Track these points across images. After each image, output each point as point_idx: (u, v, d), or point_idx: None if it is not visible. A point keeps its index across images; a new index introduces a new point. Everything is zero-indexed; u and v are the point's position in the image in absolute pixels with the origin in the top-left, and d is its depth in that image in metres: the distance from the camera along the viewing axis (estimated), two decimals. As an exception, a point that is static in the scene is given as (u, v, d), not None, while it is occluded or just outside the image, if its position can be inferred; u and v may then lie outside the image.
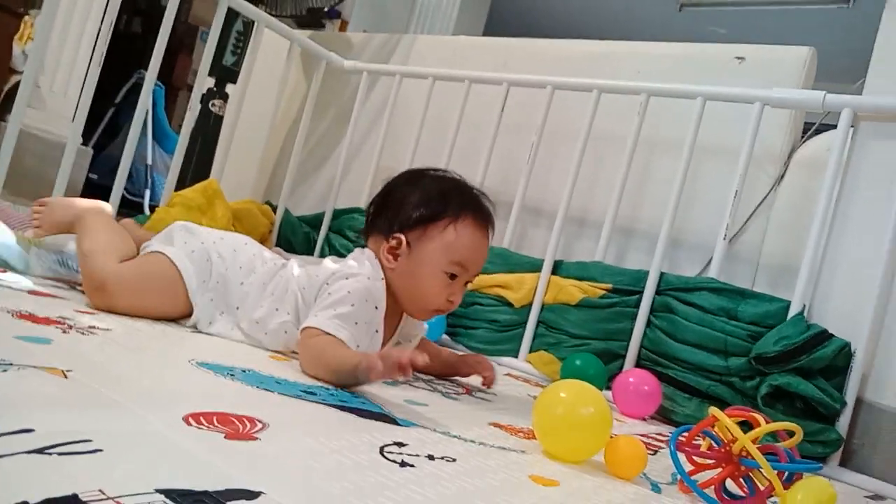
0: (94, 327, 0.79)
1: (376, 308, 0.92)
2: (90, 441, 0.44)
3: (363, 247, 1.01)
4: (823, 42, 1.57)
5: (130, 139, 1.62)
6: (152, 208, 1.99)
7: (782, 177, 1.49)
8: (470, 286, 1.05)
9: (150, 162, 2.82)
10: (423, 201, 0.96)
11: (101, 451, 0.44)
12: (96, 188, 2.20)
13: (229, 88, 1.90)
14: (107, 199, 1.62)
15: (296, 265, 1.00)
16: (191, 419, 0.55)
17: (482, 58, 1.93)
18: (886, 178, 1.22)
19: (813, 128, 1.54)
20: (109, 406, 0.54)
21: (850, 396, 1.15)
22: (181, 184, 1.74)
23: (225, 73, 1.86)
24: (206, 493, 0.41)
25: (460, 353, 1.13)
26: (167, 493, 0.40)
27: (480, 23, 3.90)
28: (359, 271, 0.93)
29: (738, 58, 1.60)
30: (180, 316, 0.96)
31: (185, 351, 0.80)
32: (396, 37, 2.19)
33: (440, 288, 0.95)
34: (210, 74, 1.81)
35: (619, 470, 0.73)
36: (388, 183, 1.03)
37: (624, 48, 1.79)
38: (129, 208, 2.24)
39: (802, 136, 1.54)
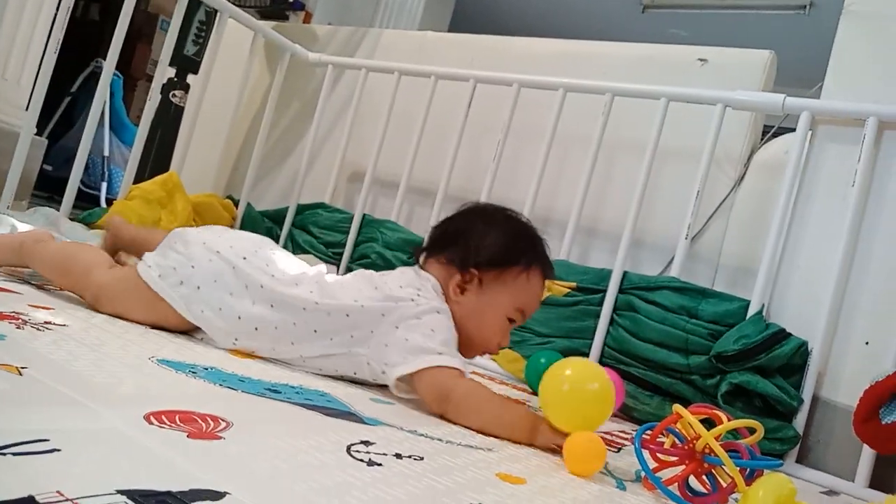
0: (49, 323, 0.76)
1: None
2: (47, 440, 0.43)
3: (409, 264, 1.00)
4: (780, 48, 1.60)
5: (87, 130, 1.57)
6: (109, 202, 1.94)
7: (742, 178, 1.52)
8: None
9: (107, 153, 2.75)
10: (501, 244, 0.95)
11: (58, 450, 0.42)
12: (51, 180, 2.13)
13: (190, 79, 1.86)
14: (62, 192, 1.58)
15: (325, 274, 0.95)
16: (152, 417, 0.54)
17: (449, 54, 1.93)
18: (842, 181, 1.25)
19: (772, 130, 1.58)
20: (67, 404, 0.52)
21: (806, 394, 1.18)
22: (140, 177, 1.70)
23: (186, 64, 1.82)
24: (169, 493, 0.40)
25: None
26: (129, 493, 0.38)
27: (445, 19, 3.90)
28: (442, 306, 0.91)
29: (701, 59, 1.62)
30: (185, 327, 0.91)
31: (146, 348, 0.78)
32: (362, 30, 2.18)
33: (499, 330, 0.95)
34: (171, 64, 1.77)
35: (579, 467, 0.73)
36: (463, 214, 1.02)
37: (589, 48, 1.80)
38: (86, 201, 2.17)
39: (762, 139, 1.57)
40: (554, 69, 1.68)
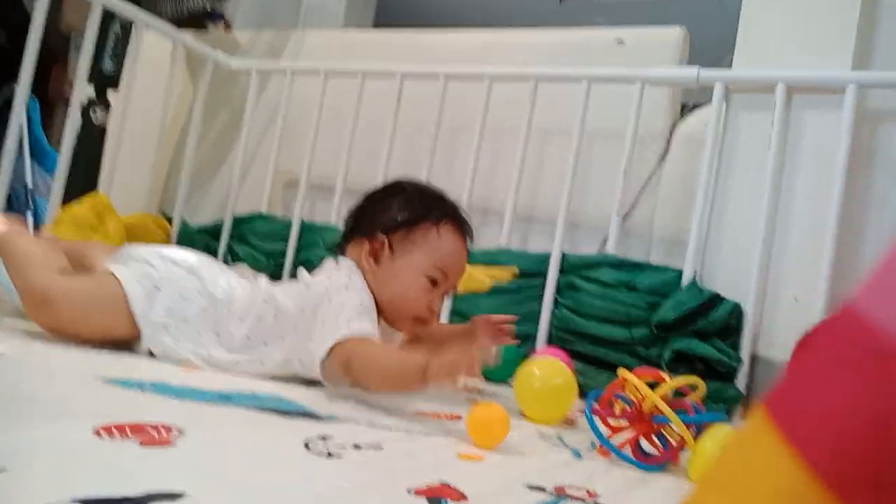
0: (-16, 352, 0.74)
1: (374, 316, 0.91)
2: (-8, 461, 0.42)
3: (335, 258, 0.98)
4: (693, 28, 1.66)
5: (5, 160, 1.52)
6: (37, 229, 1.88)
7: (666, 154, 1.57)
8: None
9: (30, 186, 2.65)
10: (405, 205, 0.96)
11: (2, 470, 0.41)
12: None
13: (111, 96, 1.81)
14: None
15: (264, 282, 0.97)
16: (102, 431, 0.53)
17: (375, 51, 1.93)
18: (759, 147, 1.31)
19: (691, 105, 1.63)
20: (10, 422, 0.51)
21: (744, 354, 1.23)
22: (67, 201, 1.64)
23: (105, 80, 1.76)
24: (125, 499, 0.40)
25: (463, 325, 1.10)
26: (84, 502, 0.38)
27: (369, 16, 3.89)
28: (351, 282, 0.91)
29: (618, 40, 1.67)
30: (128, 338, 0.90)
31: (90, 367, 0.76)
32: (285, 33, 2.16)
33: (422, 292, 0.94)
34: (89, 81, 1.72)
35: (482, 438, 0.71)
36: (367, 194, 1.03)
37: (511, 37, 1.83)
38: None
39: (681, 114, 1.63)
40: (479, 60, 1.70)
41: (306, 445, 0.59)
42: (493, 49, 1.81)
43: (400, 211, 0.96)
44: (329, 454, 0.58)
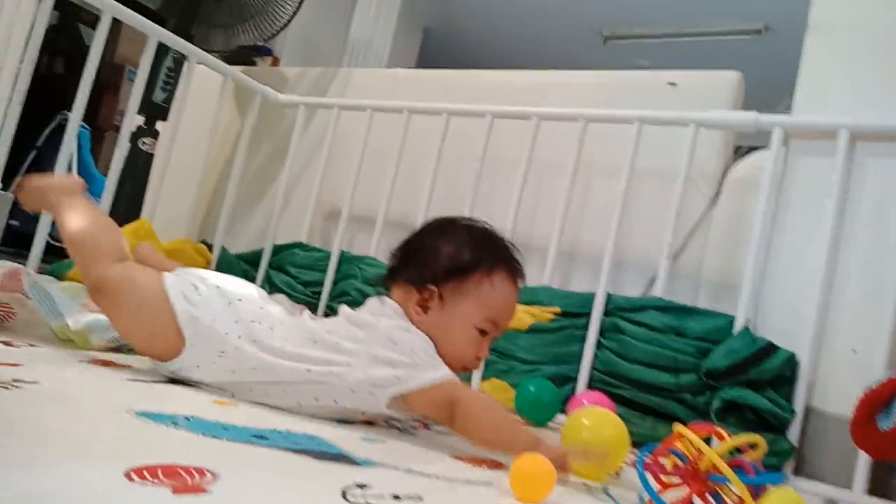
0: (18, 381, 0.73)
1: None
2: (20, 505, 0.40)
3: (380, 294, 0.96)
4: (740, 70, 1.63)
5: (55, 181, 1.54)
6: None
7: (717, 195, 1.53)
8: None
9: (75, 206, 2.70)
10: (456, 252, 0.91)
11: (32, 516, 0.39)
12: (18, 235, 2.08)
13: (159, 126, 1.84)
14: (30, 246, 1.54)
15: (307, 315, 0.96)
16: (133, 474, 0.50)
17: (420, 90, 1.93)
18: (818, 194, 1.26)
19: (744, 149, 1.59)
20: (39, 465, 0.49)
21: (798, 405, 1.17)
22: (111, 225, 1.66)
23: (155, 110, 1.79)
24: (155, 554, 0.37)
25: None
26: (111, 557, 0.36)
27: (412, 57, 3.93)
28: (408, 325, 0.89)
29: (671, 83, 1.64)
30: (168, 355, 0.89)
31: (121, 399, 0.75)
32: (332, 70, 2.18)
33: (471, 344, 0.90)
34: (139, 112, 1.75)
35: (527, 492, 0.67)
36: (416, 231, 0.99)
37: (558, 78, 1.82)
38: (55, 255, 2.13)
39: (734, 158, 1.58)
40: (524, 99, 1.69)
41: (343, 495, 0.56)
42: (538, 89, 1.80)
43: (451, 259, 0.91)
44: (367, 505, 0.55)
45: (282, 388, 0.86)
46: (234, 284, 0.97)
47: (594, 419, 0.87)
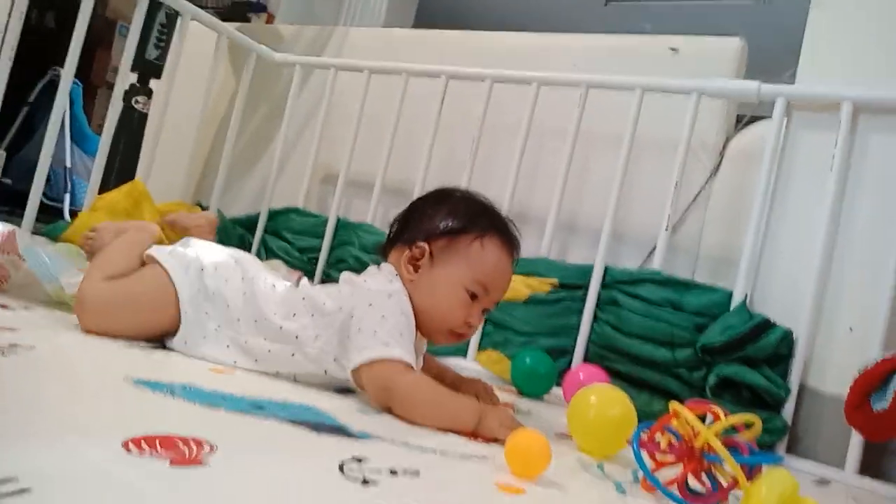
0: (15, 345, 0.72)
1: (413, 327, 0.88)
2: (15, 480, 0.39)
3: (377, 263, 0.96)
4: (742, 36, 1.60)
5: (47, 140, 1.51)
6: (73, 214, 1.88)
7: (718, 167, 1.52)
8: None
9: (69, 164, 2.68)
10: (450, 214, 0.92)
11: (28, 490, 0.38)
12: (11, 193, 2.06)
13: (153, 84, 1.80)
14: (24, 205, 1.52)
15: (305, 282, 0.98)
16: (131, 444, 0.50)
17: (418, 51, 1.90)
18: (820, 167, 1.25)
19: (745, 118, 1.57)
20: (37, 437, 0.49)
21: (793, 384, 1.18)
22: (105, 187, 1.64)
23: (148, 68, 1.76)
24: (154, 533, 0.37)
25: (464, 376, 1.04)
26: (110, 537, 0.35)
27: (410, 16, 3.85)
28: (393, 289, 0.89)
29: (672, 49, 1.61)
30: (166, 331, 0.91)
31: (119, 367, 0.74)
32: (329, 29, 2.14)
33: (460, 305, 0.90)
34: (132, 69, 1.72)
35: (522, 468, 0.67)
36: (414, 201, 1.00)
37: (559, 41, 1.78)
38: (49, 214, 2.11)
39: (735, 128, 1.56)
40: (525, 63, 1.66)
41: (341, 468, 0.56)
42: (538, 52, 1.77)
43: (444, 219, 0.92)
44: (365, 480, 0.55)
45: (268, 347, 0.89)
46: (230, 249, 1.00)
47: (601, 397, 0.87)
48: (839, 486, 1.06)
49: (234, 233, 1.87)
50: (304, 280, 1.01)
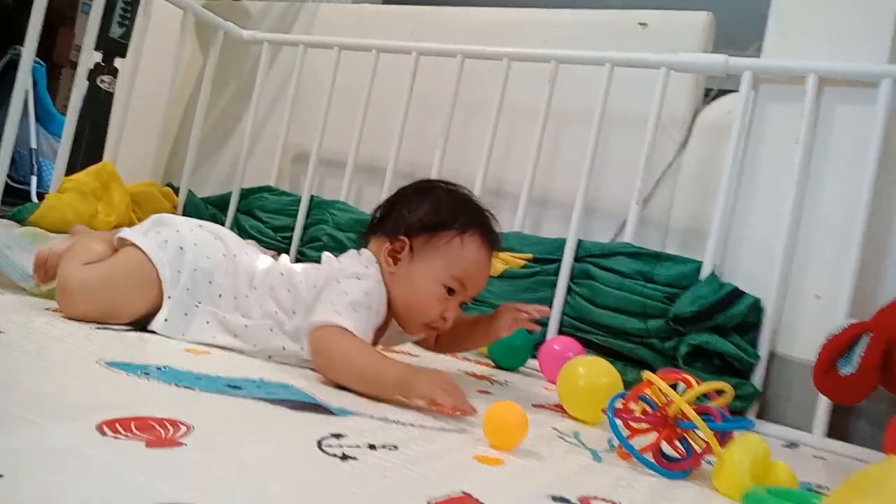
0: (-17, 331, 0.71)
1: (378, 313, 0.89)
2: (-10, 465, 0.39)
3: (361, 244, 0.97)
4: (712, 10, 1.60)
5: (10, 122, 1.48)
6: (41, 196, 1.84)
7: (687, 141, 1.53)
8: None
9: (34, 146, 2.61)
10: (432, 209, 0.93)
11: (0, 476, 0.38)
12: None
13: (118, 63, 1.76)
14: (-13, 189, 1.48)
15: (285, 258, 0.99)
16: (105, 427, 0.50)
17: (388, 27, 1.88)
18: (787, 139, 1.27)
19: (713, 92, 1.58)
20: (9, 421, 0.48)
21: (762, 350, 1.20)
22: (72, 168, 1.61)
23: (113, 47, 1.71)
24: (132, 512, 0.37)
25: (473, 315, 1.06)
26: (88, 518, 0.35)
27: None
28: (365, 272, 0.90)
29: (641, 24, 1.62)
30: (151, 311, 0.90)
31: (92, 350, 0.74)
32: (297, 5, 2.10)
33: (436, 300, 0.91)
34: (96, 48, 1.68)
35: (500, 440, 0.68)
36: (398, 191, 1.00)
37: (530, 16, 1.78)
38: (15, 197, 2.06)
39: (703, 102, 1.58)
40: (496, 38, 1.65)
41: (320, 445, 0.57)
42: (509, 27, 1.76)
43: (426, 214, 0.93)
44: (344, 456, 0.55)
45: (245, 323, 0.90)
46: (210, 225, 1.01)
47: (589, 368, 0.93)
48: (808, 449, 1.09)
49: (205, 213, 1.85)
50: (284, 257, 1.01)
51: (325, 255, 0.96)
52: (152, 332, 0.89)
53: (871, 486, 0.38)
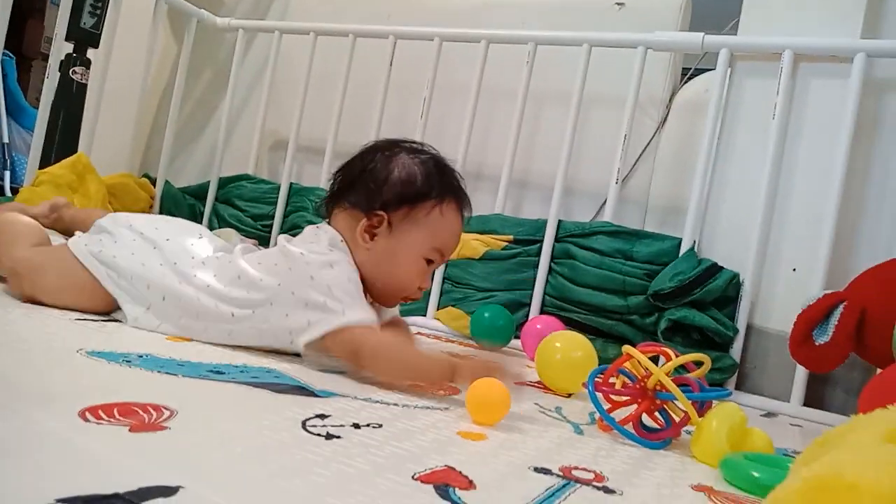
0: (-39, 324, 0.71)
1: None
2: (-29, 452, 0.39)
3: (315, 224, 0.93)
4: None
5: (-19, 115, 1.46)
6: (14, 190, 1.82)
7: (665, 120, 1.54)
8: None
9: (6, 140, 2.57)
10: (407, 179, 0.88)
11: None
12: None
13: (91, 54, 1.74)
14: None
15: (238, 252, 0.92)
16: (88, 414, 0.50)
17: (365, 11, 1.87)
18: (763, 115, 1.28)
19: (690, 71, 1.60)
20: (-9, 410, 0.48)
21: (741, 324, 1.22)
22: (46, 161, 1.59)
23: (84, 37, 1.68)
24: (115, 495, 0.37)
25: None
26: (70, 501, 0.35)
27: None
28: (335, 258, 0.85)
29: (618, 3, 1.62)
30: (105, 309, 0.90)
31: (71, 340, 0.73)
32: (271, -8, 2.08)
33: (417, 273, 0.89)
34: (67, 39, 1.65)
35: (483, 416, 0.69)
36: (361, 153, 0.94)
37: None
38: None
39: (681, 81, 1.59)
40: (474, 21, 1.65)
41: (304, 426, 0.57)
42: (487, 9, 1.76)
43: (403, 186, 0.88)
44: (328, 435, 0.55)
45: (203, 326, 0.86)
46: (160, 227, 0.96)
47: (565, 342, 0.98)
48: (785, 418, 1.11)
49: (183, 203, 1.84)
50: (238, 251, 0.93)
51: (281, 239, 0.90)
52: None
53: (834, 441, 0.40)
